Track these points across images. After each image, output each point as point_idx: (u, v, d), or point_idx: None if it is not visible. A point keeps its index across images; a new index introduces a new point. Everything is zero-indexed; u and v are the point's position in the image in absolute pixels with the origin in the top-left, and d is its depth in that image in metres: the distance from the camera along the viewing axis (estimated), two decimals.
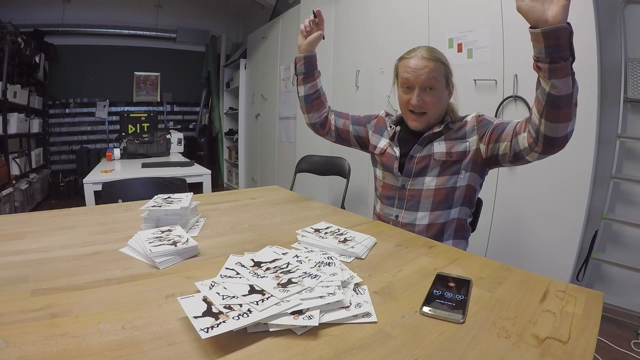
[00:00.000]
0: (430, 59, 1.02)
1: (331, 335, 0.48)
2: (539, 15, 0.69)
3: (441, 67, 1.03)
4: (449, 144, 1.05)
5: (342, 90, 2.80)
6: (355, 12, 2.65)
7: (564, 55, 0.71)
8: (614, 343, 1.57)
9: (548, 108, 0.79)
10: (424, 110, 1.04)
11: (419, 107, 1.03)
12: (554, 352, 0.45)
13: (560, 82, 0.75)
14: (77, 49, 4.61)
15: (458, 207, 1.07)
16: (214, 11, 5.34)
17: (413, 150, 1.08)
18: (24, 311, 0.51)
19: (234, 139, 5.05)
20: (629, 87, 1.68)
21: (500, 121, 1.00)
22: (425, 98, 1.03)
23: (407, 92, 1.05)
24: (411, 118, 1.07)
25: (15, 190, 3.28)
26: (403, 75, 1.05)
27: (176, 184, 1.71)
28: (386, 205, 1.15)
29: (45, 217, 1.04)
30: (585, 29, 1.51)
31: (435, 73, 1.01)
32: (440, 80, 1.03)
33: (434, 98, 1.03)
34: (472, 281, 0.64)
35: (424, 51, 1.03)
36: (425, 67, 1.01)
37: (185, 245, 0.74)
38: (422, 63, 1.01)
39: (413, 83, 1.03)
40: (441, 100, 1.05)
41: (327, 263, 0.65)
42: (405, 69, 1.04)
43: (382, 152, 1.17)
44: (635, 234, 1.74)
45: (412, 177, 1.08)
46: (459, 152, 1.04)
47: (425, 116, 1.05)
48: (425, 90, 1.03)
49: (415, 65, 1.02)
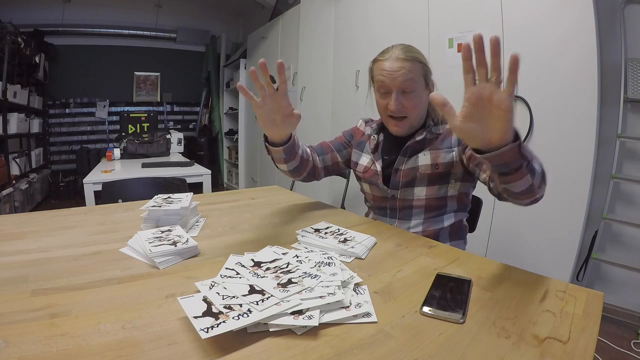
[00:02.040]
0: (406, 59, 0.94)
1: (331, 335, 0.48)
2: (478, 136, 0.59)
3: (418, 66, 0.96)
4: (434, 154, 1.00)
5: (342, 90, 2.80)
6: (355, 12, 2.66)
7: (515, 167, 0.63)
8: (614, 343, 1.57)
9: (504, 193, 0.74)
10: (404, 115, 0.98)
11: (398, 111, 0.97)
12: (554, 352, 0.45)
13: (515, 184, 0.66)
14: (77, 49, 4.61)
15: (452, 212, 1.05)
16: (214, 11, 5.34)
17: (398, 162, 1.04)
18: (24, 311, 0.51)
19: (234, 139, 5.05)
20: (629, 87, 1.68)
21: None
22: (404, 102, 0.96)
23: (385, 96, 0.99)
24: (392, 123, 1.01)
25: (15, 190, 3.29)
26: (378, 78, 0.98)
27: (176, 184, 1.71)
28: (379, 215, 1.12)
29: (45, 217, 1.04)
30: (585, 29, 1.51)
31: (412, 74, 0.94)
32: (418, 81, 0.96)
33: (413, 101, 0.97)
34: (472, 281, 0.64)
35: (399, 51, 0.96)
36: (401, 68, 0.94)
37: (185, 245, 0.74)
38: (398, 64, 0.94)
39: (389, 86, 0.96)
40: (421, 102, 0.99)
41: (327, 263, 0.65)
42: (380, 72, 0.97)
43: (366, 170, 1.12)
44: (635, 234, 1.74)
45: (400, 189, 1.04)
46: (445, 164, 0.99)
47: (407, 120, 0.99)
48: (404, 94, 0.96)
49: (390, 67, 0.95)
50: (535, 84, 1.68)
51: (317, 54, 3.05)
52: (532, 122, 1.70)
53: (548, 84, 1.64)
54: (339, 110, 2.87)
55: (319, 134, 3.07)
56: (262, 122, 0.85)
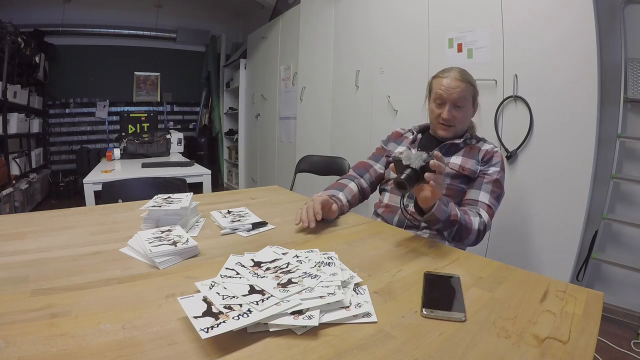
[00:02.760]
0: (462, 80, 1.14)
1: (331, 335, 0.48)
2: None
3: (470, 88, 1.15)
4: (464, 159, 1.14)
5: (342, 90, 2.80)
6: (355, 11, 2.66)
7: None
8: (614, 343, 1.57)
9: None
10: (452, 124, 1.16)
11: (448, 120, 1.15)
12: (554, 352, 0.45)
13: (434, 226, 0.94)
14: (77, 49, 4.61)
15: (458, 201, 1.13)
16: (214, 11, 5.34)
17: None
18: (24, 311, 0.51)
19: (234, 139, 5.05)
20: (629, 87, 1.68)
21: (488, 176, 1.10)
22: (454, 113, 1.15)
23: (439, 107, 1.17)
24: (440, 128, 1.18)
25: (15, 190, 3.29)
26: (437, 91, 1.16)
27: (176, 184, 1.71)
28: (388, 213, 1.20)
29: (45, 217, 1.04)
30: (585, 29, 1.51)
31: (465, 93, 1.14)
32: (468, 99, 1.16)
33: (462, 114, 1.16)
34: (459, 277, 0.65)
35: (457, 73, 1.16)
36: (457, 87, 1.13)
37: (185, 245, 0.74)
38: (455, 83, 1.14)
39: (445, 99, 1.15)
40: (467, 116, 1.18)
41: (327, 263, 0.65)
42: (439, 86, 1.16)
43: (401, 152, 1.21)
44: (635, 234, 1.74)
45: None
46: (471, 170, 1.12)
47: (453, 128, 1.17)
48: (455, 107, 1.15)
49: (448, 84, 1.14)
50: (535, 84, 1.68)
51: (317, 54, 3.05)
52: (532, 122, 1.70)
53: (548, 83, 1.64)
54: (339, 110, 2.87)
55: (319, 134, 3.08)
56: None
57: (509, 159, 1.78)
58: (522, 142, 1.74)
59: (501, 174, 1.12)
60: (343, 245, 0.84)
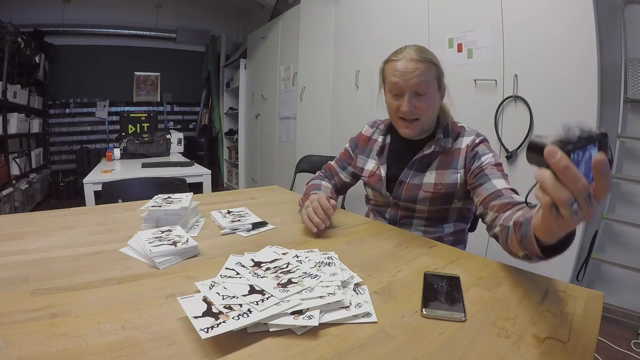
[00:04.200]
0: (420, 60, 0.91)
1: (331, 335, 0.48)
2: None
3: (432, 68, 0.93)
4: (438, 174, 0.99)
5: (342, 90, 2.80)
6: (355, 11, 2.65)
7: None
8: (614, 343, 1.57)
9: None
10: (415, 117, 0.95)
11: (410, 113, 0.94)
12: (554, 352, 0.45)
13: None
14: (77, 49, 4.61)
15: (452, 222, 1.05)
16: (214, 11, 5.34)
17: (403, 175, 1.03)
18: (24, 311, 0.51)
19: (234, 139, 5.05)
20: (629, 87, 1.68)
21: (486, 165, 0.91)
22: (416, 104, 0.93)
23: (397, 98, 0.96)
24: (402, 125, 0.99)
25: (15, 190, 3.29)
26: (391, 79, 0.95)
27: (176, 184, 1.71)
28: (379, 218, 1.13)
29: (45, 217, 1.04)
30: (585, 29, 1.51)
31: (426, 76, 0.92)
32: (431, 84, 0.94)
33: (425, 103, 0.94)
34: (459, 277, 0.65)
35: (413, 52, 0.93)
36: (415, 69, 0.91)
37: (185, 245, 0.74)
38: (412, 65, 0.91)
39: (403, 88, 0.93)
40: (433, 104, 0.96)
41: (327, 263, 0.65)
42: (393, 72, 0.94)
43: (371, 175, 1.11)
44: (635, 234, 1.74)
45: (402, 201, 1.04)
46: (448, 184, 0.97)
47: (418, 122, 0.97)
48: (417, 96, 0.93)
49: (404, 68, 0.92)
50: (535, 84, 1.68)
51: (317, 54, 3.05)
52: (532, 122, 1.70)
53: (548, 83, 1.64)
54: (339, 110, 2.87)
55: (319, 134, 3.07)
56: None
57: (509, 159, 1.78)
58: (522, 142, 1.73)
59: (496, 156, 0.95)
60: (343, 245, 0.84)
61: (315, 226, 0.88)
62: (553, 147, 0.38)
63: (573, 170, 0.38)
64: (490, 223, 0.80)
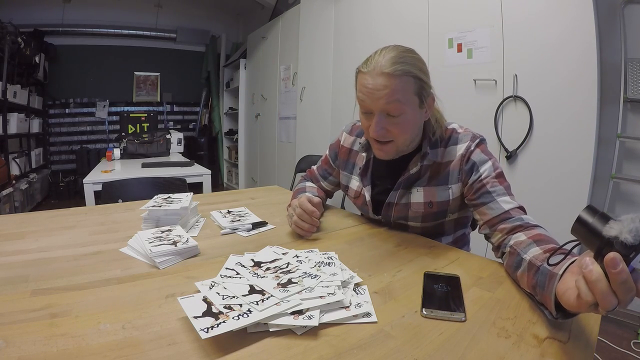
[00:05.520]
0: (393, 74, 0.73)
1: (331, 335, 0.48)
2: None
3: (409, 82, 0.75)
4: (427, 191, 0.87)
5: (342, 90, 2.80)
6: (355, 11, 2.65)
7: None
8: (614, 343, 1.57)
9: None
10: (388, 139, 0.81)
11: (381, 136, 0.80)
12: (554, 352, 0.45)
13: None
14: (77, 49, 4.61)
15: (451, 234, 0.97)
16: (214, 11, 5.35)
17: (390, 197, 0.93)
18: (24, 311, 0.51)
19: (234, 139, 5.05)
20: (629, 87, 1.68)
21: (487, 179, 0.80)
22: (388, 126, 0.78)
23: (367, 117, 0.81)
24: (376, 147, 0.85)
25: (15, 190, 3.29)
26: (359, 95, 0.80)
27: (176, 184, 1.71)
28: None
29: (45, 217, 1.04)
30: (585, 29, 1.51)
31: (399, 95, 0.74)
32: (408, 102, 0.76)
33: (399, 127, 0.78)
34: (459, 277, 0.65)
35: (386, 61, 0.74)
36: (384, 87, 0.74)
37: (185, 245, 0.74)
38: (381, 82, 0.74)
39: (370, 107, 0.78)
40: (411, 125, 0.80)
41: (327, 263, 0.65)
42: (361, 87, 0.78)
43: (357, 196, 1.01)
44: None
45: (392, 221, 0.96)
46: (440, 202, 0.87)
47: (392, 144, 0.82)
48: (388, 117, 0.77)
49: (372, 85, 0.75)
50: (535, 84, 1.68)
51: (317, 54, 3.05)
52: (532, 122, 1.70)
53: (548, 83, 1.64)
54: (339, 110, 2.87)
55: (318, 134, 3.07)
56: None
57: (508, 159, 1.78)
58: (522, 142, 1.73)
59: (496, 162, 0.83)
60: (343, 245, 0.84)
61: (306, 232, 0.86)
62: (616, 256, 0.35)
63: (630, 283, 0.35)
64: (498, 244, 0.75)
